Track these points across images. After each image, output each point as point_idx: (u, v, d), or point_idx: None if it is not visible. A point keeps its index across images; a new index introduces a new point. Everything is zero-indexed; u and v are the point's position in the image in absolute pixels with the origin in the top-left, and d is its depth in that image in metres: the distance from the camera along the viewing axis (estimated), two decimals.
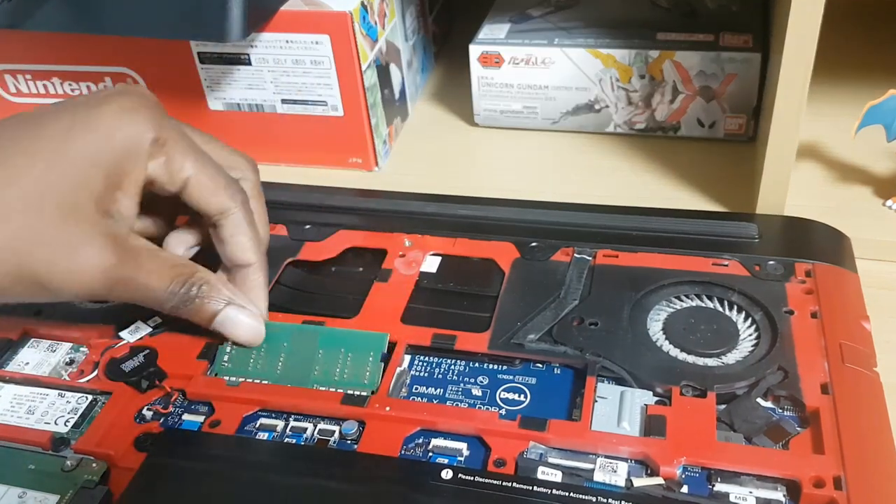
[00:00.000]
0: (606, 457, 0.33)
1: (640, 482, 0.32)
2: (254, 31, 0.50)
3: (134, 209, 0.35)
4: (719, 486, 0.31)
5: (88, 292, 0.34)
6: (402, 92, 0.60)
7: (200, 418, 0.36)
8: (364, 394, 0.36)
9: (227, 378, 0.38)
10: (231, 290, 0.38)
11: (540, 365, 0.37)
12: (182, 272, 0.36)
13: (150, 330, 0.40)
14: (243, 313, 0.37)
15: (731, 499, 0.31)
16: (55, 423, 0.37)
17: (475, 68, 0.57)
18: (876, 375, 0.35)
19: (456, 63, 0.66)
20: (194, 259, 0.39)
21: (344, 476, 0.33)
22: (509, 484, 0.31)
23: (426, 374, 0.38)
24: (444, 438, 0.34)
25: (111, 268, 0.33)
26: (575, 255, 0.42)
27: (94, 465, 0.34)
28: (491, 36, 0.57)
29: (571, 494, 0.31)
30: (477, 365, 0.38)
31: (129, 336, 0.40)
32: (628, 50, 0.54)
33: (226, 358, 0.38)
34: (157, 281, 0.35)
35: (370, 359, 0.37)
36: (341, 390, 0.36)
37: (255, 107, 0.55)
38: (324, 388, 0.37)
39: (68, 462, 0.34)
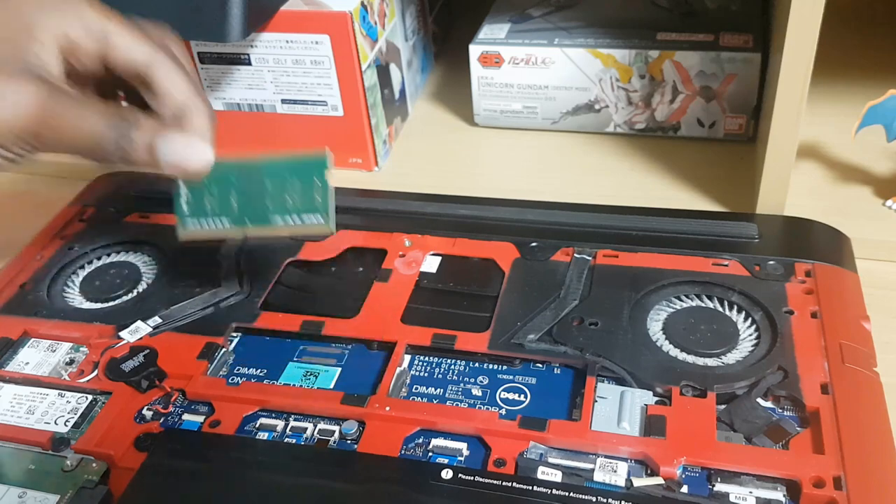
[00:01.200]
0: (606, 457, 0.33)
1: (640, 482, 0.32)
2: (254, 31, 0.50)
3: (57, 65, 0.34)
4: (719, 486, 0.31)
5: (16, 128, 0.32)
6: (402, 92, 0.60)
7: (200, 418, 0.36)
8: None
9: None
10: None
11: (540, 365, 0.37)
12: (118, 110, 0.34)
13: (150, 330, 0.40)
14: (187, 135, 0.35)
15: (731, 499, 0.31)
16: (55, 423, 0.37)
17: (475, 68, 0.57)
18: (876, 375, 0.35)
19: (456, 63, 0.66)
20: None
21: (344, 476, 0.33)
22: (509, 484, 0.31)
23: (426, 374, 0.38)
24: (444, 438, 0.34)
25: (42, 100, 0.32)
26: (575, 255, 0.42)
27: (94, 465, 0.34)
28: (491, 36, 0.57)
29: (571, 494, 0.31)
30: (477, 365, 0.38)
31: (129, 336, 0.40)
32: (628, 50, 0.54)
33: (183, 203, 0.38)
34: (95, 119, 0.33)
35: (316, 183, 0.37)
36: (297, 218, 0.37)
37: (255, 107, 0.55)
38: (281, 219, 0.37)
39: (68, 462, 0.34)
